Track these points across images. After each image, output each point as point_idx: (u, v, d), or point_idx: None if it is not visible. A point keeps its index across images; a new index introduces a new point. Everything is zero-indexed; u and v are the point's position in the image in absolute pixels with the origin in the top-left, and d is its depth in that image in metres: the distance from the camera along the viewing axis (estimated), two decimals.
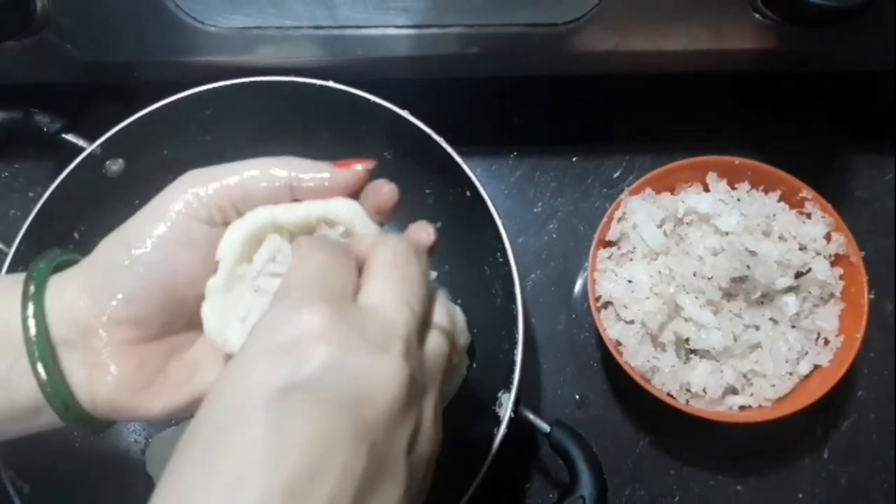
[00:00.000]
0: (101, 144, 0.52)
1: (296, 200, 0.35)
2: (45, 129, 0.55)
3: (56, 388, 0.33)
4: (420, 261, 0.32)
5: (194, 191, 0.34)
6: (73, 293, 0.33)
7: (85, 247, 0.36)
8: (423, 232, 0.35)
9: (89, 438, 0.53)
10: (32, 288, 0.33)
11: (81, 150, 0.53)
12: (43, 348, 0.32)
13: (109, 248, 0.34)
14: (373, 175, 0.36)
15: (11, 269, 0.49)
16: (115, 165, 0.53)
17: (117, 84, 0.57)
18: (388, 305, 0.30)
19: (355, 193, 0.36)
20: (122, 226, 0.35)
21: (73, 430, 0.35)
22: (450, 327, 0.33)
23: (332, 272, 0.30)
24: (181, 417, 0.40)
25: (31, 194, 0.63)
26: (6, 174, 0.64)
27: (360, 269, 0.32)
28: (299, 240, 0.34)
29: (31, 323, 0.32)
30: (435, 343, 0.32)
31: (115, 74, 0.56)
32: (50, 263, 0.35)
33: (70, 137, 0.55)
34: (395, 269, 0.31)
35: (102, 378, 0.33)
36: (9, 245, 0.51)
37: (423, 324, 0.31)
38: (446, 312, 0.33)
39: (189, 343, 0.36)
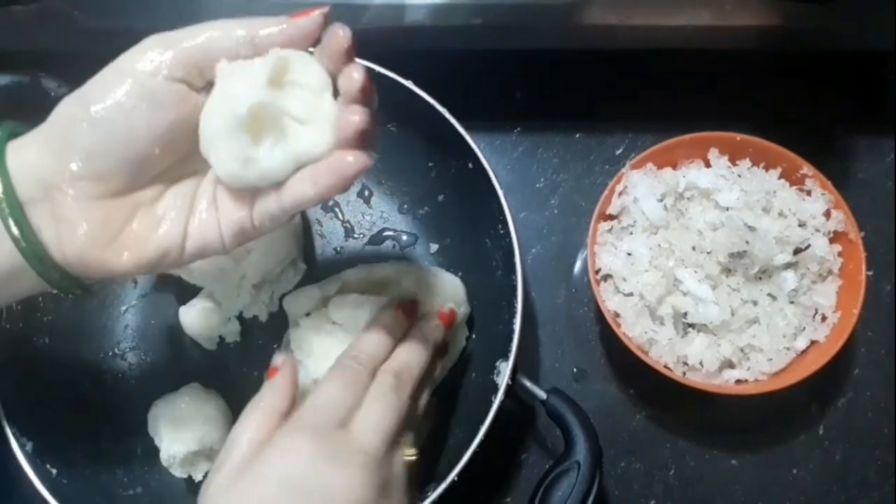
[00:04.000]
0: None
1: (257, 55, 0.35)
2: (53, 94, 0.56)
3: (29, 243, 0.34)
4: (401, 393, 0.43)
5: (156, 50, 0.34)
6: (34, 154, 0.34)
7: None
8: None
9: (95, 399, 0.54)
10: None
11: None
12: (13, 206, 0.33)
13: (69, 107, 0.35)
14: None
15: None
16: None
17: (123, 50, 0.57)
18: (365, 432, 0.40)
19: (315, 42, 0.36)
20: (82, 87, 0.35)
21: (51, 291, 0.37)
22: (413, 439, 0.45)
23: (333, 406, 0.41)
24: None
25: None
26: None
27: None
28: (335, 365, 0.45)
29: None
30: (400, 455, 0.43)
31: (121, 41, 0.56)
32: (4, 132, 0.36)
33: None
34: (377, 400, 0.42)
35: (71, 233, 0.34)
36: None
37: (395, 443, 0.42)
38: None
39: (154, 198, 0.37)
